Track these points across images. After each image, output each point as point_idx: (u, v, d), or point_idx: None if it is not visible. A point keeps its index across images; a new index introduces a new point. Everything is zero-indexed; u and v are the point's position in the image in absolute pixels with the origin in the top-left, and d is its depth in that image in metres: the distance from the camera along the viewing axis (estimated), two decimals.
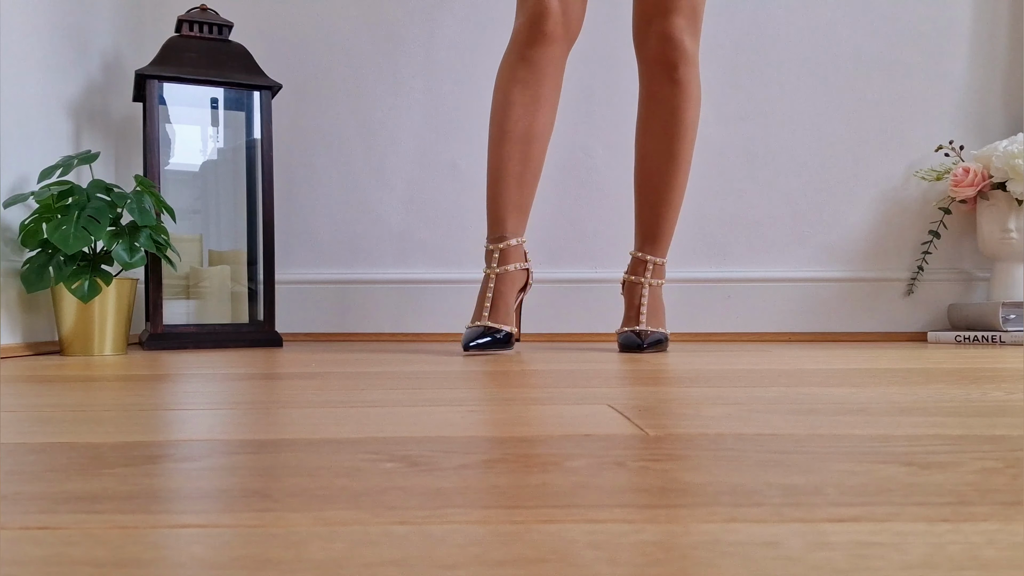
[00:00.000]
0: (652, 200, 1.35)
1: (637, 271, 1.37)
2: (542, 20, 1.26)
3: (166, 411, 0.58)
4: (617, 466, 0.37)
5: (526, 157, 1.29)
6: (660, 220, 1.35)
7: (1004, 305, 1.64)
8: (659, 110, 1.33)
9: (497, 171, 1.29)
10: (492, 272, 1.27)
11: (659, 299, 1.37)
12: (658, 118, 1.33)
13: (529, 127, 1.28)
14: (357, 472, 0.36)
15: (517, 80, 1.28)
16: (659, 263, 1.36)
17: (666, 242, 1.37)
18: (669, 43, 1.29)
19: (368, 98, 1.86)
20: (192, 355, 1.29)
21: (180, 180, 1.63)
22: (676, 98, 1.31)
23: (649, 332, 1.30)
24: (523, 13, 1.29)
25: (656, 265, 1.36)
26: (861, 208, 1.86)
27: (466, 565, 0.23)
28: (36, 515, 0.29)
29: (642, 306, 1.33)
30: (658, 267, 1.37)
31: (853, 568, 0.23)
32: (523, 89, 1.28)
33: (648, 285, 1.35)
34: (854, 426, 0.49)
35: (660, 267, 1.37)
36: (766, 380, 0.79)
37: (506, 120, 1.29)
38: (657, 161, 1.34)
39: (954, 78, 1.85)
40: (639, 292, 1.35)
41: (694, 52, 1.31)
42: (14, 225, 1.31)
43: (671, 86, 1.31)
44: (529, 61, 1.28)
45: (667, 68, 1.30)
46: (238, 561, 0.24)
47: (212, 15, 1.58)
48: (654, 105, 1.33)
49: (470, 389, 0.72)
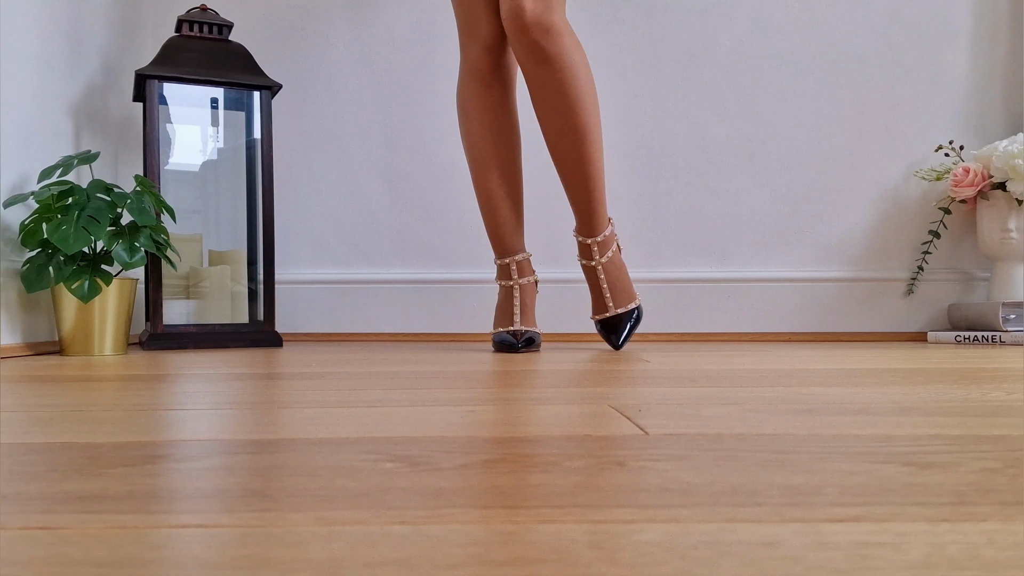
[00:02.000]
0: (572, 180, 1.30)
1: (585, 255, 1.37)
2: (478, 73, 1.34)
3: (166, 411, 0.58)
4: (617, 466, 0.37)
5: (510, 180, 1.37)
6: (587, 199, 1.31)
7: (1004, 305, 1.64)
8: (543, 93, 1.26)
9: (488, 200, 1.37)
10: (516, 283, 1.37)
11: (618, 269, 1.37)
12: (545, 102, 1.26)
13: (505, 152, 1.36)
14: (357, 472, 0.36)
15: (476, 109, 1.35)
16: (601, 240, 1.34)
17: (599, 218, 1.33)
18: (521, 20, 1.20)
19: (368, 98, 1.86)
20: (192, 355, 1.29)
21: (180, 180, 1.63)
22: (554, 78, 1.23)
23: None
24: (463, 55, 1.37)
25: (600, 243, 1.34)
26: (861, 208, 1.86)
27: (466, 565, 0.23)
28: (36, 515, 0.29)
29: (603, 289, 1.35)
30: (603, 242, 1.34)
31: (853, 568, 0.23)
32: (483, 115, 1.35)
33: (601, 265, 1.35)
34: (854, 426, 0.49)
35: (605, 241, 1.35)
36: (766, 380, 0.79)
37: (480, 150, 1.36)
38: (562, 143, 1.28)
39: (954, 78, 1.85)
40: (596, 275, 1.36)
41: (557, 22, 1.21)
42: (14, 225, 1.31)
43: (543, 67, 1.23)
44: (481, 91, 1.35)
45: (532, 49, 1.22)
46: (238, 561, 0.24)
47: (212, 15, 1.58)
48: (537, 90, 1.26)
49: (470, 389, 0.72)
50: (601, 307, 1.37)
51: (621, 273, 1.37)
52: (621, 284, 1.36)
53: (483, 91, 1.34)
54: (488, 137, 1.35)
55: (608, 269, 1.35)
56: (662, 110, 1.85)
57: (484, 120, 1.35)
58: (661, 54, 1.85)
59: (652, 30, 1.85)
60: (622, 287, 1.36)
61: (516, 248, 1.38)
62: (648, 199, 1.85)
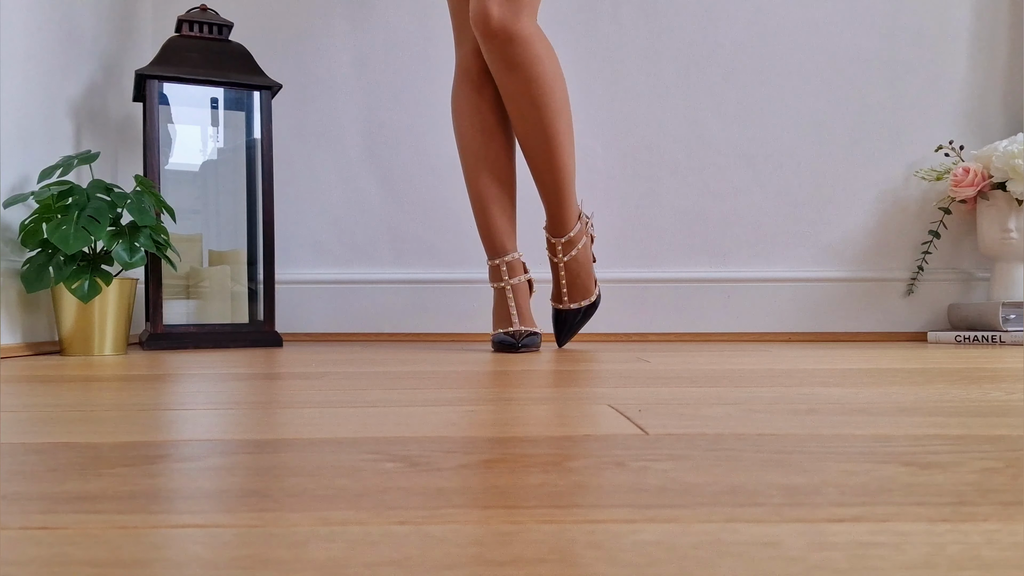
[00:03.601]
0: (541, 181, 1.33)
1: (551, 251, 1.40)
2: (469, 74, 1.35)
3: (166, 411, 0.58)
4: (617, 466, 0.37)
5: (501, 181, 1.38)
6: (555, 200, 1.33)
7: (1004, 305, 1.64)
8: (512, 98, 1.27)
9: (478, 201, 1.38)
10: (508, 284, 1.37)
11: (580, 266, 1.39)
12: (514, 106, 1.28)
13: (495, 152, 1.37)
14: (357, 472, 0.36)
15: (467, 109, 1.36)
16: (565, 241, 1.37)
17: (566, 219, 1.35)
18: (487, 27, 1.20)
19: (368, 98, 1.86)
20: (192, 355, 1.29)
21: (180, 180, 1.63)
22: (521, 85, 1.24)
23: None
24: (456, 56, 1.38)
25: (564, 243, 1.37)
26: (861, 208, 1.86)
27: (466, 565, 0.23)
28: (36, 515, 0.29)
29: (562, 284, 1.40)
30: (568, 242, 1.37)
31: (853, 568, 0.23)
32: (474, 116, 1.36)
33: (564, 263, 1.38)
34: (854, 426, 0.49)
35: (571, 240, 1.37)
36: (766, 380, 0.79)
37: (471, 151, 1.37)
38: (530, 145, 1.30)
39: (954, 78, 1.85)
40: (557, 270, 1.40)
41: (524, 30, 1.20)
42: (14, 225, 1.31)
43: (510, 73, 1.24)
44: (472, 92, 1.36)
45: (499, 56, 1.22)
46: (238, 561, 0.24)
47: (212, 15, 1.58)
48: (506, 94, 1.27)
49: (470, 389, 0.72)
50: (558, 297, 1.42)
51: (582, 270, 1.40)
52: (580, 281, 1.41)
53: (474, 92, 1.35)
54: (478, 138, 1.36)
55: (569, 266, 1.39)
56: (662, 110, 1.85)
57: (475, 121, 1.36)
58: (661, 54, 1.85)
59: (652, 30, 1.85)
60: (581, 284, 1.41)
61: (507, 249, 1.38)
62: (648, 199, 1.85)
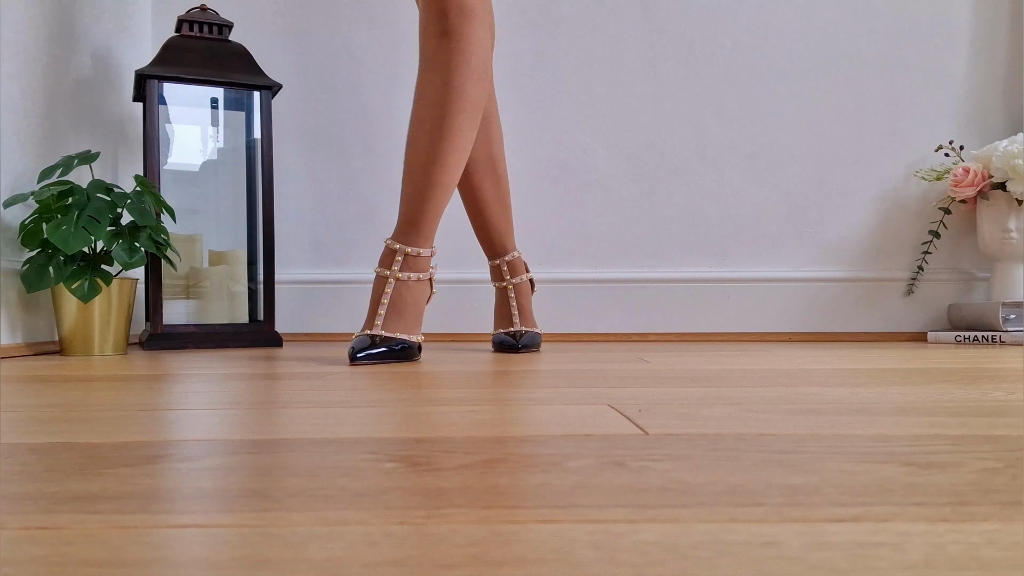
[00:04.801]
0: (415, 178, 1.11)
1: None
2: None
3: (166, 411, 0.58)
4: (617, 466, 0.37)
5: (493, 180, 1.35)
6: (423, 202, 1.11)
7: (1004, 305, 1.63)
8: (430, 73, 1.12)
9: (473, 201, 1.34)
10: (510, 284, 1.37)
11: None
12: (430, 83, 1.11)
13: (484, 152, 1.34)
14: (357, 472, 0.36)
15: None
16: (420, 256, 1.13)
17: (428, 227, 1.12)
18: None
19: (368, 98, 1.86)
20: (192, 355, 1.29)
21: (180, 180, 1.63)
22: (447, 54, 1.10)
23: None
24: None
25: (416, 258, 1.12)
26: (861, 208, 1.86)
27: (466, 565, 0.23)
28: (36, 515, 0.29)
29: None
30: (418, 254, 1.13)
31: (853, 568, 0.23)
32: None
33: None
34: (854, 426, 0.49)
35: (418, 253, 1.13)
36: (766, 380, 0.79)
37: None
38: (423, 138, 1.11)
39: (954, 78, 1.85)
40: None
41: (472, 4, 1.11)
42: (14, 225, 1.31)
43: (441, 39, 1.10)
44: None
45: (437, 15, 1.11)
46: (238, 561, 0.24)
47: (212, 15, 1.58)
48: (426, 68, 1.12)
49: (470, 389, 0.72)
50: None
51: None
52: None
53: None
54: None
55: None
56: (662, 110, 1.85)
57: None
58: (661, 54, 1.85)
59: (652, 30, 1.85)
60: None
61: (506, 248, 1.37)
62: (648, 199, 1.85)
